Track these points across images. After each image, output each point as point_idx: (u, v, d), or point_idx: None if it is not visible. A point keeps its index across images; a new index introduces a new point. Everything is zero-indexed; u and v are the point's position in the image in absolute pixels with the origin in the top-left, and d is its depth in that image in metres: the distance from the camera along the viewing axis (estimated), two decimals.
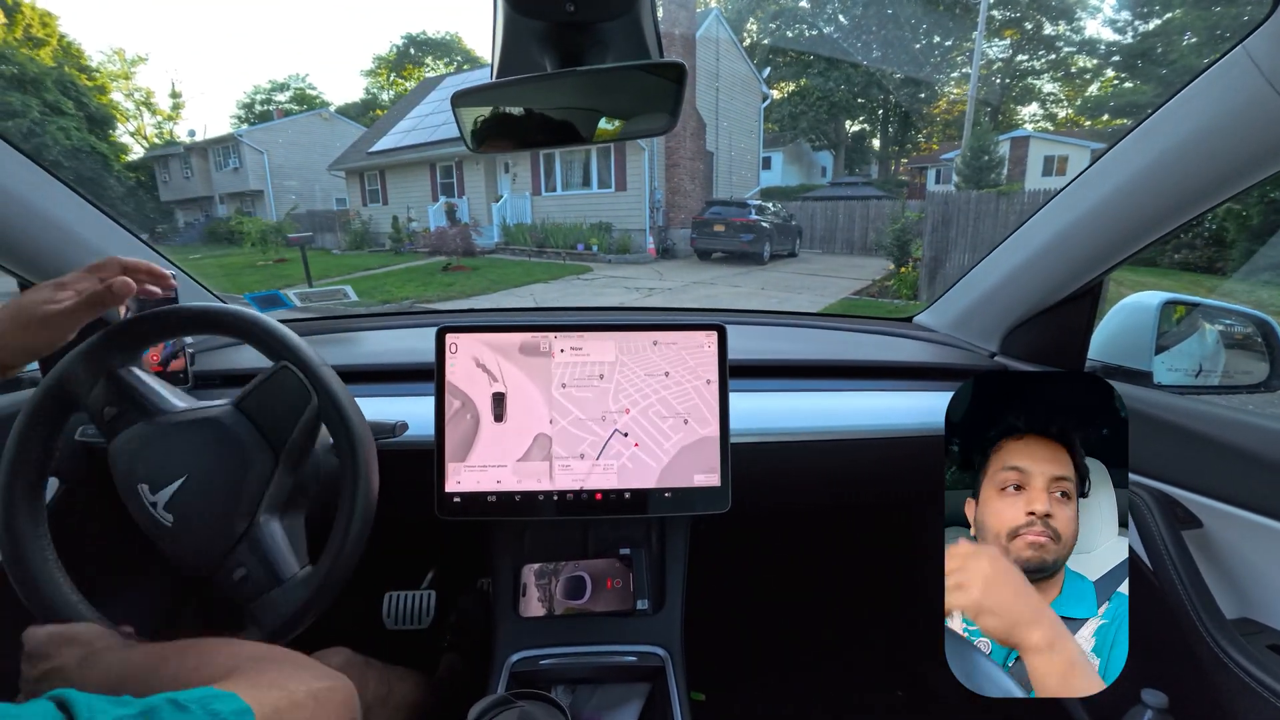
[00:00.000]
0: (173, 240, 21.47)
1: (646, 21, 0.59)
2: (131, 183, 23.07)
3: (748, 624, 1.56)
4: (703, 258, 12.40)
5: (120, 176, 21.73)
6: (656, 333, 0.89)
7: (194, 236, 21.52)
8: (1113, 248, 0.94)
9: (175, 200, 23.94)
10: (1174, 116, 0.77)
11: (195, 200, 23.27)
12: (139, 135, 28.12)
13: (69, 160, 18.41)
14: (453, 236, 13.28)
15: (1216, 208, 0.82)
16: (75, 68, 22.18)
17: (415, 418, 0.91)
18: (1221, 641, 0.80)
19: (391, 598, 1.27)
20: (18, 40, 19.97)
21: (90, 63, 24.51)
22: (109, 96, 25.09)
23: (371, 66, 39.19)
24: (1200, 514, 0.88)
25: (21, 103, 18.00)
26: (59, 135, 18.49)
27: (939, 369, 1.19)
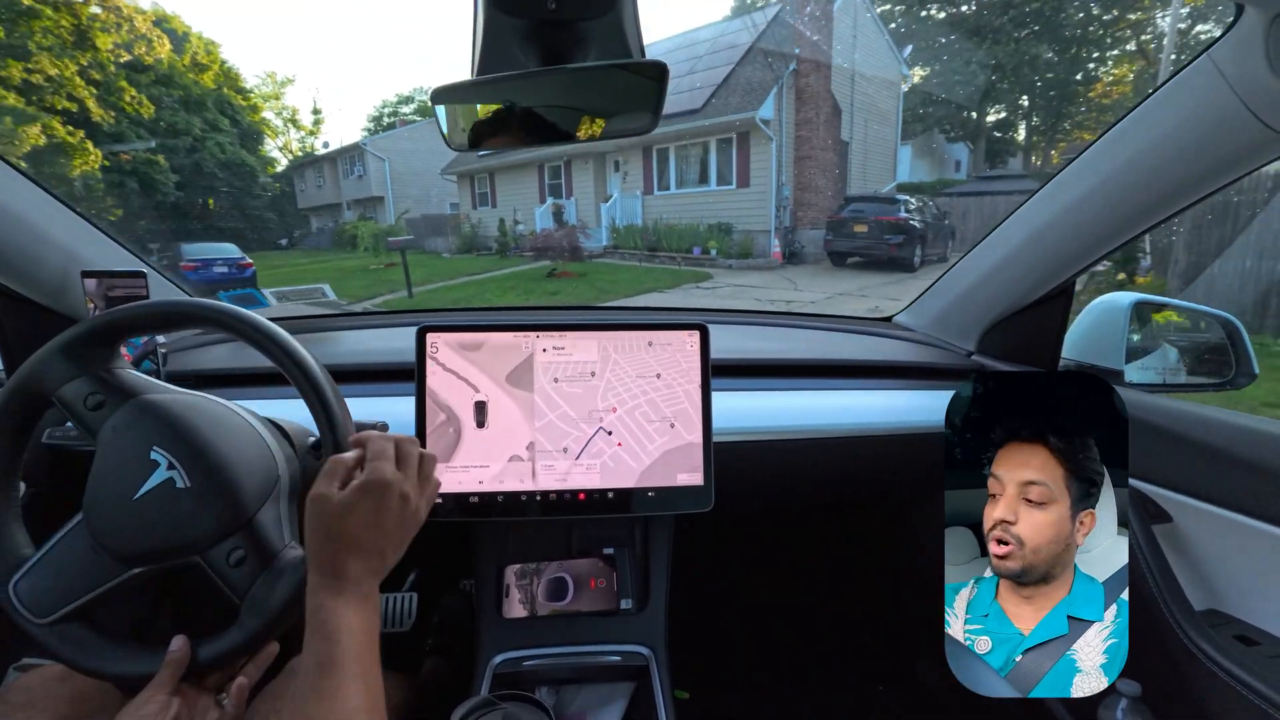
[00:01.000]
0: (306, 244, 24.00)
1: (629, 20, 0.59)
2: (275, 192, 25.62)
3: (732, 622, 1.57)
4: (837, 263, 10.90)
5: (266, 186, 24.46)
6: (639, 332, 0.89)
7: (324, 240, 23.11)
8: (1085, 249, 0.96)
9: (310, 207, 26.08)
10: (1143, 122, 0.79)
11: (326, 207, 25.09)
12: (285, 150, 30.58)
13: (223, 171, 21.49)
14: (559, 239, 12.11)
15: (1184, 210, 0.84)
16: (232, 89, 24.70)
17: (396, 418, 0.90)
18: (1191, 633, 0.82)
19: None
20: (185, 66, 22.09)
21: (245, 85, 26.82)
22: (260, 115, 27.43)
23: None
24: (1170, 509, 0.91)
25: (186, 122, 20.74)
26: (215, 150, 21.32)
27: (918, 368, 1.21)
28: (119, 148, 17.78)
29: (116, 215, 21.68)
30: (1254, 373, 1.01)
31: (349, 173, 23.04)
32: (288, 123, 31.33)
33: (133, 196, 20.01)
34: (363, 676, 0.50)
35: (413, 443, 0.62)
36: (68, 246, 0.97)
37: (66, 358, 0.66)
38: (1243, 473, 0.81)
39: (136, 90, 18.76)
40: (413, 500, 0.59)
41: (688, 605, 1.07)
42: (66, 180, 18.07)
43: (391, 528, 0.57)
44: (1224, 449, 0.84)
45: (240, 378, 1.03)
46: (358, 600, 0.53)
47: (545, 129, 0.66)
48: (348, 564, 0.54)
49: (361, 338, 1.29)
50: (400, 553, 0.60)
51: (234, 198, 22.97)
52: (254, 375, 1.02)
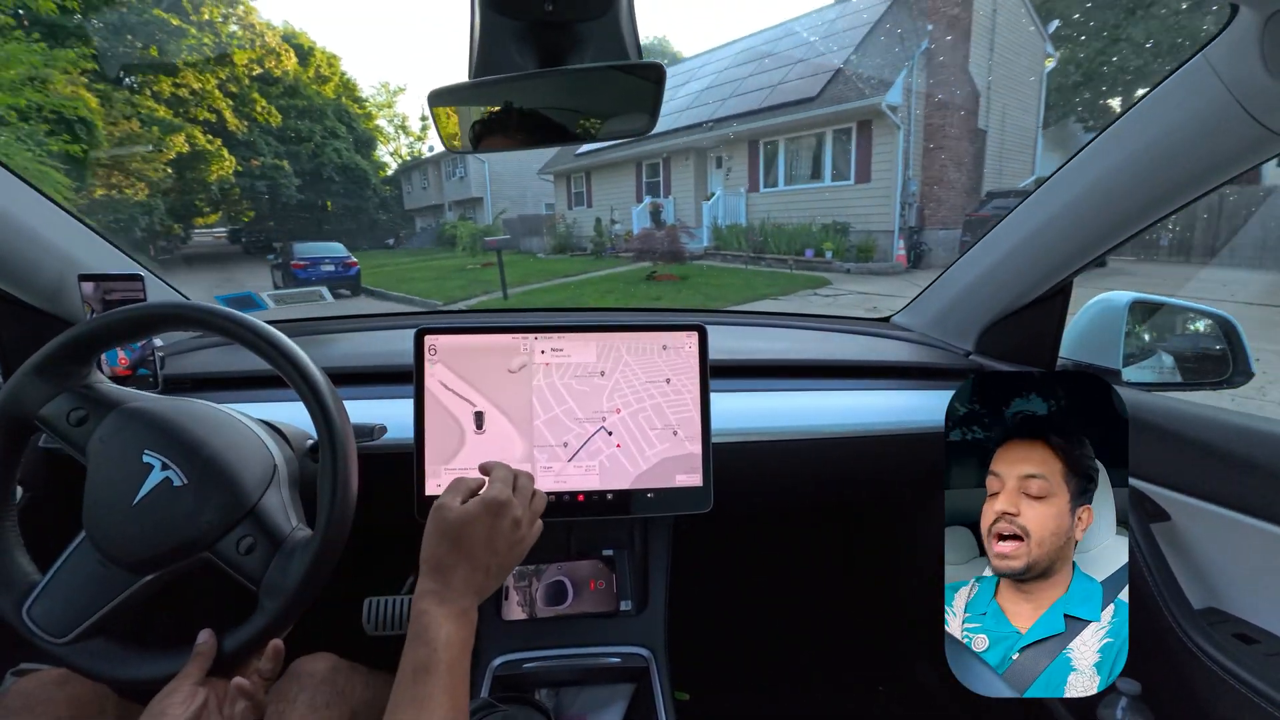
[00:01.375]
0: (410, 244, 24.85)
1: (625, 22, 0.59)
2: (384, 194, 26.91)
3: (732, 623, 1.57)
4: None
5: (377, 189, 25.93)
6: (638, 333, 0.89)
7: (427, 240, 23.92)
8: (1081, 249, 0.96)
9: (415, 209, 26.88)
10: (1139, 122, 0.79)
11: (430, 208, 25.87)
12: (395, 155, 32.22)
13: (340, 175, 23.51)
14: (660, 239, 11.31)
15: (1180, 209, 0.84)
16: (350, 99, 26.68)
17: (394, 420, 0.90)
18: (1190, 631, 0.82)
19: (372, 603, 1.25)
20: (309, 78, 24.25)
21: (362, 94, 28.74)
22: (374, 122, 29.29)
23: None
24: (1168, 508, 0.91)
25: (308, 129, 22.89)
26: (333, 155, 23.22)
27: (917, 368, 1.21)
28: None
29: (249, 217, 23.99)
30: (1251, 371, 1.01)
31: (451, 174, 23.44)
32: (398, 129, 32.85)
33: (261, 199, 22.18)
34: (452, 689, 0.52)
35: (530, 478, 0.68)
36: (64, 250, 0.97)
37: (41, 378, 0.66)
38: (1241, 471, 0.82)
39: (267, 101, 21.19)
40: (523, 527, 0.64)
41: (687, 606, 1.07)
42: (205, 185, 20.07)
43: (501, 547, 0.61)
44: (1222, 447, 0.84)
45: (238, 380, 1.03)
46: (458, 613, 0.56)
47: (542, 130, 0.66)
48: (455, 573, 0.58)
49: (360, 340, 1.29)
50: (502, 579, 0.64)
51: (348, 200, 24.50)
52: (252, 378, 1.02)
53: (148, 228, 16.73)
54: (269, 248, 18.81)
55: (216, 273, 17.58)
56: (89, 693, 0.73)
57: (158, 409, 0.67)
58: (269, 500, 0.67)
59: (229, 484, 0.65)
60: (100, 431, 0.66)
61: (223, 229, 25.58)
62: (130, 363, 0.97)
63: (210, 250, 24.19)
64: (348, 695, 0.80)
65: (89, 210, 14.77)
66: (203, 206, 21.97)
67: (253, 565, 0.64)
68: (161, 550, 0.63)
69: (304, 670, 0.79)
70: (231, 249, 24.59)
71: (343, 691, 0.79)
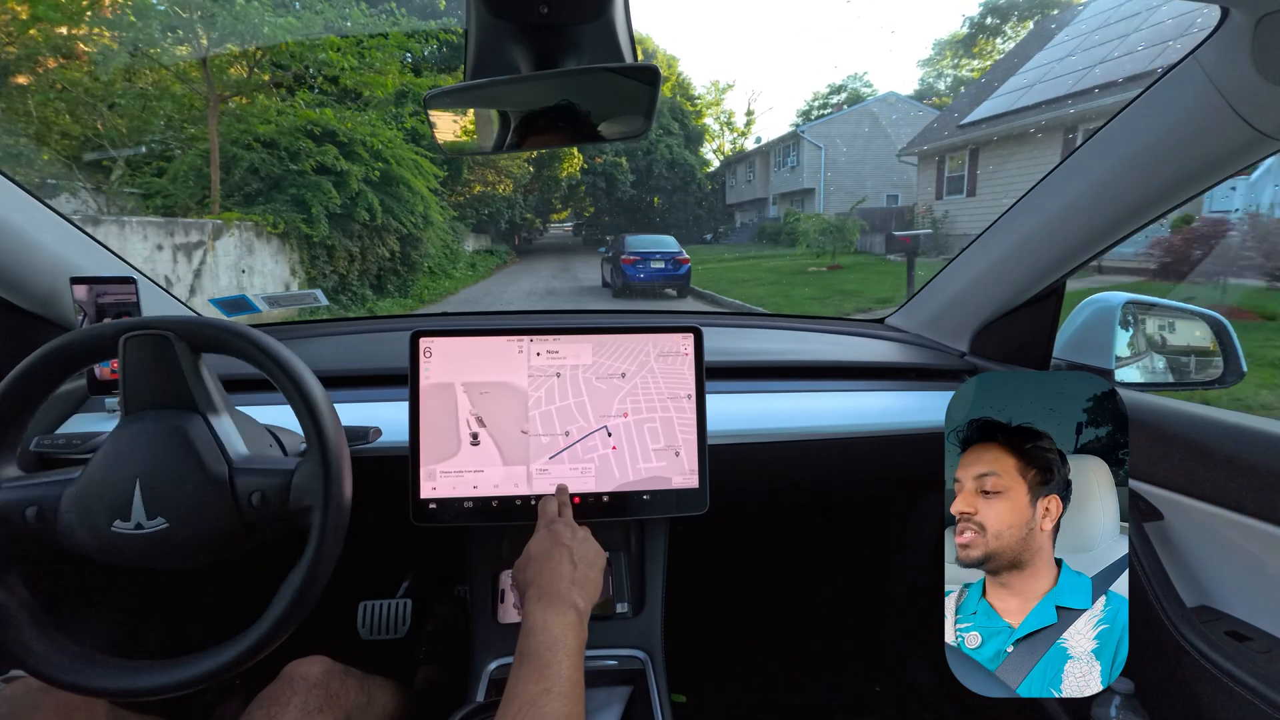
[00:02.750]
0: (728, 240, 25.00)
1: (620, 25, 0.59)
2: (707, 189, 27.36)
3: (728, 625, 1.57)
4: None
5: (700, 184, 26.53)
6: (633, 335, 0.89)
7: (745, 236, 23.82)
8: (1075, 250, 0.97)
9: (736, 203, 27.32)
10: (1131, 124, 0.80)
11: (751, 202, 25.87)
12: (718, 152, 32.38)
13: (669, 171, 24.51)
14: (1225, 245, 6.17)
15: (1171, 210, 0.85)
16: (684, 97, 27.89)
17: (389, 423, 0.89)
18: (1183, 629, 0.82)
19: (366, 607, 1.24)
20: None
21: (694, 93, 29.71)
22: (703, 120, 29.99)
23: (930, 54, 38.07)
24: (1161, 506, 0.91)
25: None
26: (664, 151, 24.12)
27: (912, 369, 1.21)
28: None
29: (590, 213, 25.81)
30: (1242, 371, 1.02)
31: (780, 164, 22.63)
32: (724, 126, 33.22)
33: (600, 195, 23.81)
34: (556, 664, 0.57)
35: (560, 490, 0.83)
36: (58, 253, 0.96)
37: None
38: (1233, 470, 0.82)
39: None
40: (582, 533, 0.75)
41: (684, 608, 1.07)
42: (557, 181, 21.48)
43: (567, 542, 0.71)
44: (1214, 446, 0.85)
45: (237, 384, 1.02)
46: (556, 605, 0.64)
47: (538, 133, 0.66)
48: (540, 575, 0.68)
49: (356, 343, 1.28)
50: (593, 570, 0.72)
51: (673, 195, 25.42)
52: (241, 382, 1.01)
53: (510, 220, 18.07)
54: (603, 240, 19.24)
55: (557, 261, 18.60)
56: (78, 699, 0.73)
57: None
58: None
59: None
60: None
61: (569, 224, 27.85)
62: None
63: (558, 242, 26.59)
64: (341, 699, 0.80)
65: (468, 204, 15.43)
66: (555, 203, 23.91)
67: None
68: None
69: (296, 674, 0.79)
70: (574, 241, 26.96)
71: (336, 695, 0.79)
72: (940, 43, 36.50)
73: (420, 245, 10.19)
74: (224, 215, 7.35)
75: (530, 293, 11.86)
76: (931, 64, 36.13)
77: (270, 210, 7.79)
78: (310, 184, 8.06)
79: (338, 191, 8.18)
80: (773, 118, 76.69)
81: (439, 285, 11.28)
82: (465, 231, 15.44)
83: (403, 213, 9.19)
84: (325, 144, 8.20)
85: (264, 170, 7.90)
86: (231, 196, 7.87)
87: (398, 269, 9.84)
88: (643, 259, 10.52)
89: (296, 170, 8.03)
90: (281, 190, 8.02)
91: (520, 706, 0.53)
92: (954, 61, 34.02)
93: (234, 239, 7.32)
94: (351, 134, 8.52)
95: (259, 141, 7.94)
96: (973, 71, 30.82)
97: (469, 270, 13.78)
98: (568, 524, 0.75)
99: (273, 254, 8.00)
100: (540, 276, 14.58)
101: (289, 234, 8.00)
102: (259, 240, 7.75)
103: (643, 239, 11.31)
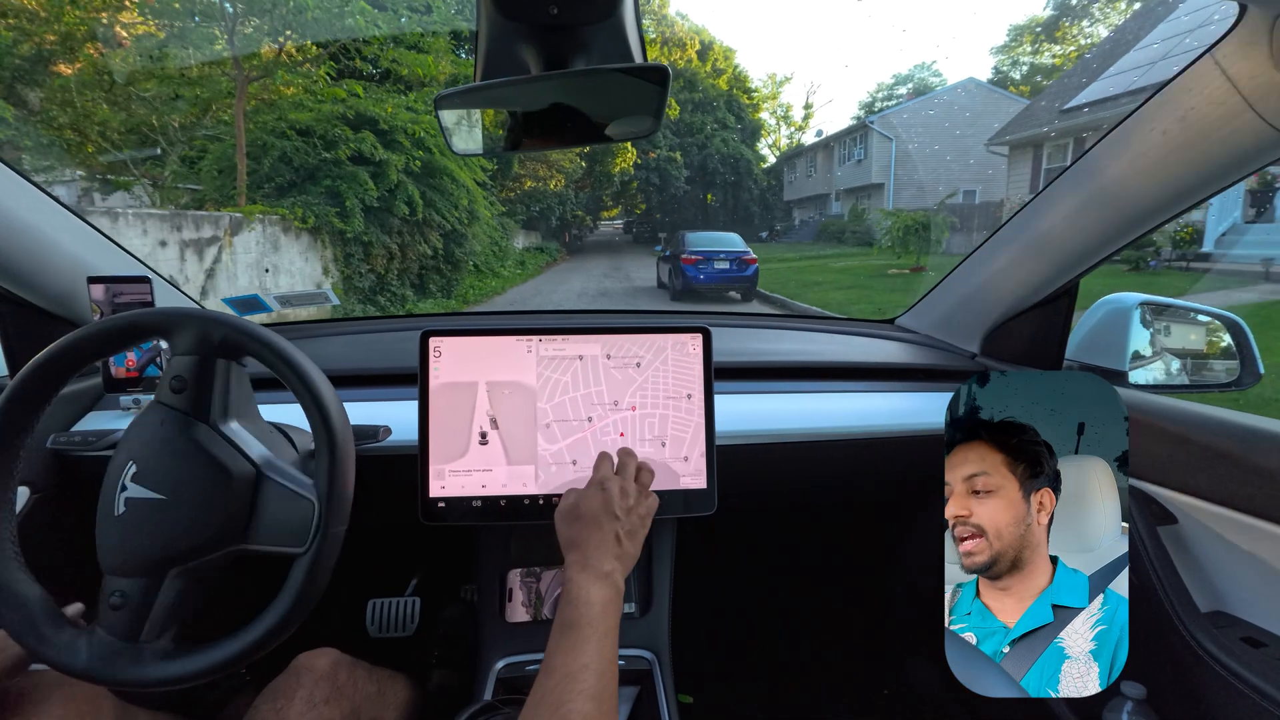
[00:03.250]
0: (786, 238, 24.71)
1: (630, 25, 0.59)
2: (764, 184, 27.36)
3: (735, 625, 1.57)
4: None
5: (757, 180, 26.38)
6: (641, 335, 0.89)
7: (807, 234, 23.31)
8: (1088, 251, 0.96)
9: (795, 199, 26.93)
10: (1146, 122, 0.79)
11: (812, 199, 25.44)
12: (774, 147, 32.39)
13: (724, 166, 24.37)
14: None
15: (1187, 210, 0.84)
16: (740, 90, 27.65)
17: (398, 422, 0.90)
18: (1197, 635, 0.81)
19: (375, 605, 1.25)
20: (706, 72, 25.38)
21: (751, 86, 29.51)
22: (759, 115, 29.70)
23: (1005, 40, 36.05)
24: (1175, 510, 0.90)
25: (700, 121, 24.27)
26: (720, 146, 24.27)
27: (922, 370, 1.21)
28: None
29: (641, 210, 25.40)
30: (1259, 373, 1.01)
31: (846, 158, 21.58)
32: (780, 120, 33.20)
33: (652, 192, 23.50)
34: (596, 640, 0.58)
35: (631, 455, 0.78)
36: (75, 253, 0.98)
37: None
38: (1249, 473, 0.81)
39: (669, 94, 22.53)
40: (631, 496, 0.72)
41: (691, 609, 1.07)
42: (610, 177, 21.36)
43: (620, 513, 0.69)
44: (1230, 449, 0.84)
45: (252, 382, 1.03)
46: (599, 576, 0.64)
47: (547, 133, 0.66)
48: (589, 544, 0.67)
49: (364, 341, 1.29)
50: (636, 543, 0.71)
51: (729, 191, 25.10)
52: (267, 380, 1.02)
53: (561, 217, 17.83)
54: (654, 238, 19.22)
55: (608, 260, 18.10)
56: (86, 693, 0.74)
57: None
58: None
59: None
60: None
61: (619, 221, 27.50)
62: (138, 364, 0.98)
63: (608, 240, 26.40)
64: (348, 691, 0.80)
65: (518, 200, 15.28)
66: (606, 200, 23.75)
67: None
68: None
69: (304, 666, 0.79)
70: (624, 239, 26.73)
71: (343, 687, 0.79)
72: (1017, 28, 34.13)
73: (465, 242, 9.50)
74: (246, 209, 6.86)
75: (581, 293, 11.38)
76: (1007, 51, 33.47)
77: (299, 203, 7.19)
78: (346, 174, 7.44)
79: (375, 183, 7.58)
80: (832, 111, 74.99)
81: (485, 285, 10.77)
82: (515, 228, 15.05)
83: (446, 207, 8.59)
84: (363, 130, 7.63)
85: (297, 160, 7.30)
86: (261, 188, 7.31)
87: (440, 267, 9.21)
88: (705, 259, 9.70)
89: (331, 159, 7.42)
90: (315, 181, 7.45)
91: (559, 680, 0.54)
92: (1033, 47, 31.53)
93: (256, 234, 6.78)
94: (392, 120, 7.89)
95: (294, 129, 7.39)
96: (1054, 58, 28.75)
97: (518, 268, 13.34)
98: (623, 490, 0.71)
99: (302, 251, 7.45)
100: (591, 276, 14.19)
101: (320, 229, 7.43)
102: (286, 236, 7.20)
103: (705, 236, 10.52)
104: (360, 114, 7.77)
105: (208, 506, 0.63)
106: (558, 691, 0.53)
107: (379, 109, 7.88)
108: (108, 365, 0.97)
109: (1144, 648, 0.83)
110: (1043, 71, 28.77)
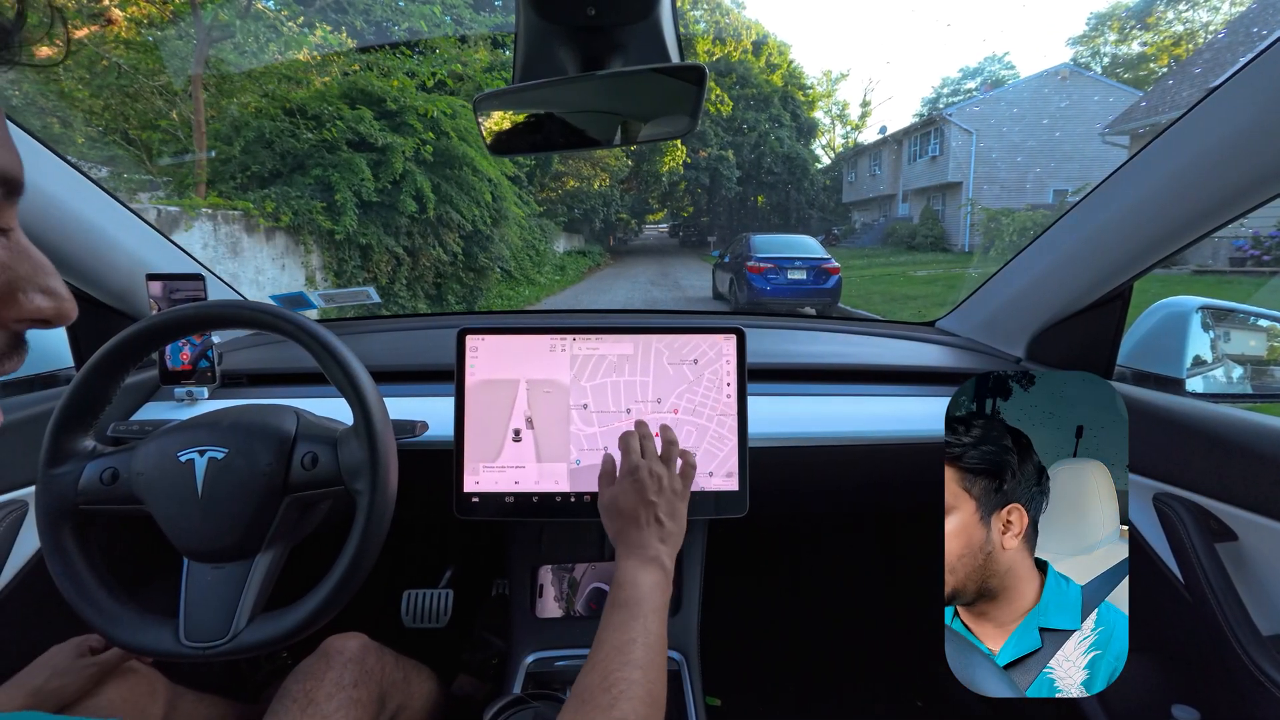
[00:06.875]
0: (846, 243, 22.38)
1: (667, 24, 0.59)
2: (822, 185, 25.84)
3: (765, 629, 1.55)
4: None
5: (813, 180, 24.87)
6: (675, 335, 0.89)
7: (869, 239, 20.87)
8: (1145, 251, 0.91)
9: (855, 201, 24.99)
10: (1213, 115, 0.74)
11: (874, 200, 23.30)
12: (828, 148, 31.27)
13: (779, 165, 23.12)
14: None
15: (1253, 210, 0.79)
16: (795, 86, 26.18)
17: (435, 417, 0.92)
18: (1257, 658, 0.77)
19: (410, 596, 1.28)
20: (760, 67, 24.45)
21: (807, 82, 27.99)
22: (814, 113, 28.53)
23: (1084, 30, 32.32)
24: (1235, 526, 0.86)
25: (754, 119, 23.15)
26: (774, 144, 23.08)
27: (963, 374, 1.17)
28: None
29: (688, 213, 24.42)
30: None
31: (917, 155, 19.14)
32: (835, 119, 31.84)
33: (700, 194, 22.56)
34: (643, 617, 0.61)
35: (646, 433, 0.78)
36: (135, 252, 1.03)
37: (57, 467, 0.68)
38: None
39: (720, 89, 21.12)
40: (665, 479, 0.73)
41: (721, 611, 1.06)
42: (658, 176, 20.83)
43: (654, 496, 0.71)
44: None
45: (290, 376, 1.07)
46: (646, 560, 0.67)
47: (585, 134, 0.67)
48: (632, 531, 0.70)
49: (404, 338, 1.32)
50: (678, 521, 0.73)
51: (783, 192, 23.80)
52: (304, 374, 1.06)
53: (605, 219, 17.17)
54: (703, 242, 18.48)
55: (655, 265, 17.25)
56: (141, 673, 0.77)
57: (161, 433, 0.72)
58: (305, 419, 0.75)
59: (260, 429, 0.71)
60: (133, 471, 0.69)
61: (664, 224, 26.75)
62: (191, 358, 1.02)
63: (654, 244, 25.72)
64: (376, 675, 0.82)
65: (559, 201, 15.06)
66: (652, 201, 23.08)
67: (326, 470, 0.70)
68: (244, 522, 0.68)
69: (333, 649, 0.81)
70: (670, 242, 25.98)
71: (371, 671, 0.81)
72: (1098, 15, 30.12)
73: (490, 245, 8.00)
74: (185, 202, 5.18)
75: (627, 302, 10.01)
76: (1086, 41, 29.97)
77: (273, 196, 5.59)
78: (339, 162, 5.87)
79: (376, 173, 6.08)
80: (891, 108, 72.00)
81: (518, 293, 9.40)
82: (556, 230, 13.84)
83: (465, 203, 7.12)
84: (360, 108, 6.05)
85: (280, 144, 5.68)
86: (234, 179, 5.80)
87: (461, 275, 7.82)
88: (776, 267, 8.02)
89: (317, 141, 5.80)
90: (304, 171, 5.95)
91: (608, 652, 0.58)
92: (1120, 35, 28.18)
93: (201, 233, 5.12)
94: (402, 99, 6.38)
95: (281, 108, 5.97)
96: (1146, 46, 25.65)
97: (556, 274, 12.05)
98: (651, 472, 0.72)
99: (276, 256, 5.92)
100: (637, 283, 12.97)
101: (301, 228, 5.88)
102: (250, 237, 5.62)
103: (775, 240, 8.75)
104: (362, 90, 6.26)
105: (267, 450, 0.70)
106: (606, 662, 0.57)
107: (384, 84, 6.39)
108: (164, 358, 1.02)
109: (1199, 671, 0.79)
110: (1127, 62, 25.85)
